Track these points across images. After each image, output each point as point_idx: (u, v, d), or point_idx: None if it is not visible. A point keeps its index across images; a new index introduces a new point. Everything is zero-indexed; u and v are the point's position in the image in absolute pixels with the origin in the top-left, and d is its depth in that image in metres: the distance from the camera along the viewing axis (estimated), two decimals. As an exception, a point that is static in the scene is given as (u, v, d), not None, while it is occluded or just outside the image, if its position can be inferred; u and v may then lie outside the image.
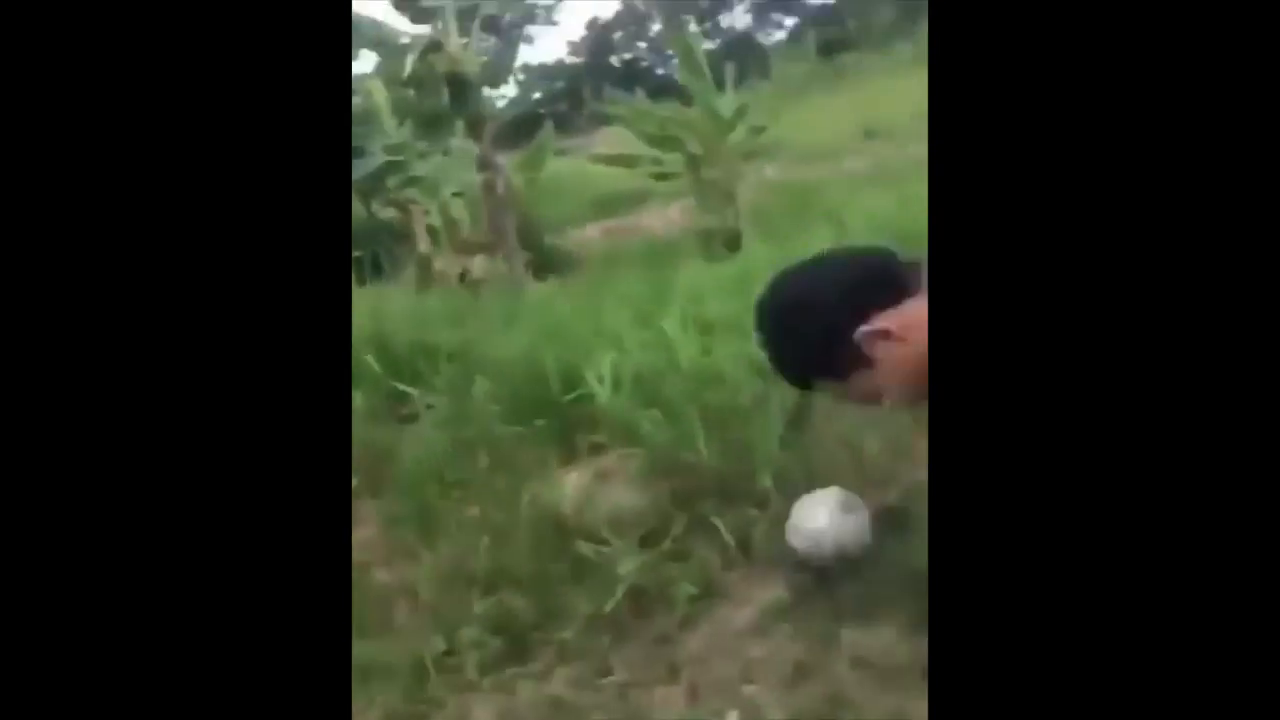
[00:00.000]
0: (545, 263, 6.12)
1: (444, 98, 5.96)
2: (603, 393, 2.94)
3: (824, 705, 2.08)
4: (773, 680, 2.19)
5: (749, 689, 2.18)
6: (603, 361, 3.03)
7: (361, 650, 2.65)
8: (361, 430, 3.17)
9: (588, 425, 2.98)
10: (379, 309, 3.97)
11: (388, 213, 8.21)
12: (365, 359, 3.41)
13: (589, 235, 7.07)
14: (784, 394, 2.85)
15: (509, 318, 3.87)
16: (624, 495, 2.68)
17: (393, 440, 3.12)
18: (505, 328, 3.65)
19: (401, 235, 7.43)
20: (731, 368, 3.06)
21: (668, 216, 6.70)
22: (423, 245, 6.86)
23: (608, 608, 2.40)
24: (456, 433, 3.01)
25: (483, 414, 3.02)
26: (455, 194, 6.76)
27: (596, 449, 2.92)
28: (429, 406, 3.17)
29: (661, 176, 6.59)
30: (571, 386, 3.05)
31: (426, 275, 6.30)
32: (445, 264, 6.60)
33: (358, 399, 3.26)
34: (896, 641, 2.18)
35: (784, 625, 2.30)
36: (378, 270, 6.76)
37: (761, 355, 1.17)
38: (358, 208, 8.44)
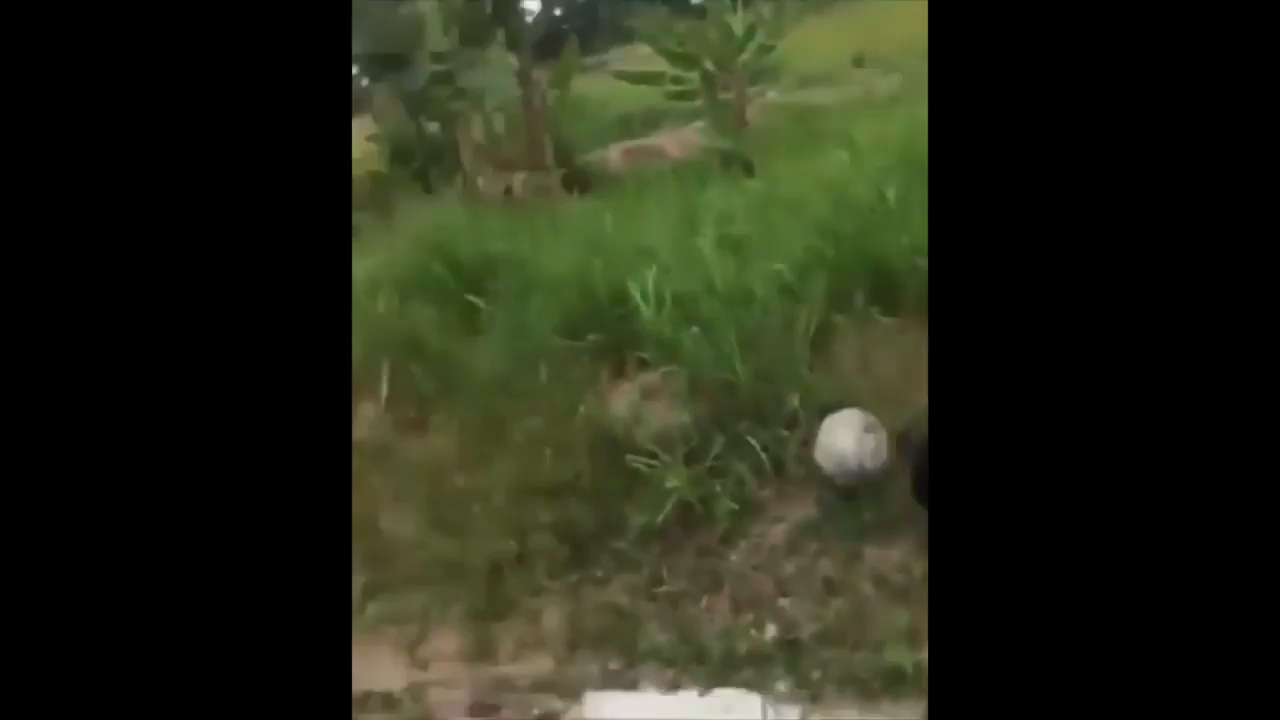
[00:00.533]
0: (579, 180, 5.64)
1: (487, 5, 5.32)
2: (647, 310, 2.63)
3: (849, 620, 1.90)
4: (805, 595, 2.00)
5: (784, 602, 1.99)
6: (645, 278, 2.71)
7: (443, 548, 2.47)
8: (435, 340, 2.89)
9: (633, 341, 2.69)
10: (444, 222, 3.59)
11: (433, 126, 7.61)
12: (435, 269, 3.09)
13: (609, 156, 6.51)
14: (809, 317, 2.57)
15: (556, 232, 3.51)
16: (669, 413, 2.42)
17: (463, 350, 2.84)
18: (554, 242, 3.30)
19: (445, 150, 6.84)
20: (761, 289, 2.75)
21: (684, 138, 6.11)
22: (468, 161, 6.32)
23: (659, 520, 2.19)
24: (517, 345, 2.73)
25: (539, 327, 2.73)
26: (496, 109, 6.19)
27: (642, 365, 2.64)
28: (494, 318, 2.87)
29: (680, 96, 6.00)
30: (618, 302, 2.75)
31: (473, 191, 5.81)
32: (487, 180, 6.11)
33: (430, 310, 2.96)
34: (909, 558, 1.98)
35: (813, 542, 2.10)
36: (426, 186, 6.26)
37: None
38: (407, 122, 7.83)
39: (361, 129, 8.57)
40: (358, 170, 7.67)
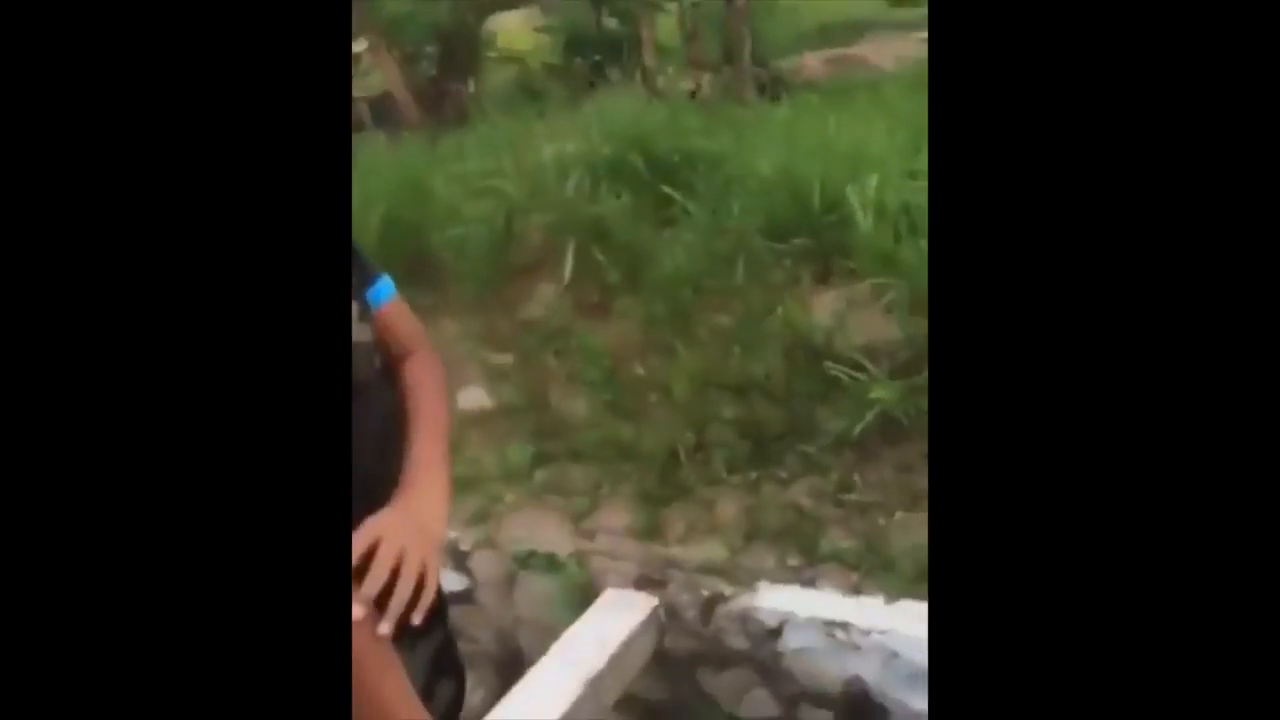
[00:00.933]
0: (776, 85, 5.65)
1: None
2: (864, 220, 2.68)
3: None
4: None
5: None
6: (867, 186, 2.74)
7: (617, 430, 2.67)
8: (625, 229, 3.05)
9: (842, 249, 2.74)
10: (641, 114, 3.72)
11: (611, 22, 7.76)
12: (631, 159, 3.23)
13: (806, 63, 6.44)
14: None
15: (765, 133, 3.56)
16: (878, 325, 2.47)
17: (652, 242, 2.99)
18: (763, 143, 3.36)
19: (627, 45, 7.00)
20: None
21: (896, 50, 5.96)
22: (649, 59, 6.45)
23: (857, 430, 2.27)
24: (713, 242, 2.84)
25: (740, 225, 2.83)
26: (694, 3, 6.25)
27: (850, 274, 2.69)
28: (687, 213, 2.99)
29: (904, 2, 5.84)
30: (830, 209, 2.80)
31: (652, 88, 5.93)
32: (667, 79, 6.20)
33: (625, 199, 3.11)
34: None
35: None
36: (603, 79, 6.43)
37: None
38: (588, 16, 8.02)
39: (530, 19, 8.88)
40: (533, 62, 7.99)
